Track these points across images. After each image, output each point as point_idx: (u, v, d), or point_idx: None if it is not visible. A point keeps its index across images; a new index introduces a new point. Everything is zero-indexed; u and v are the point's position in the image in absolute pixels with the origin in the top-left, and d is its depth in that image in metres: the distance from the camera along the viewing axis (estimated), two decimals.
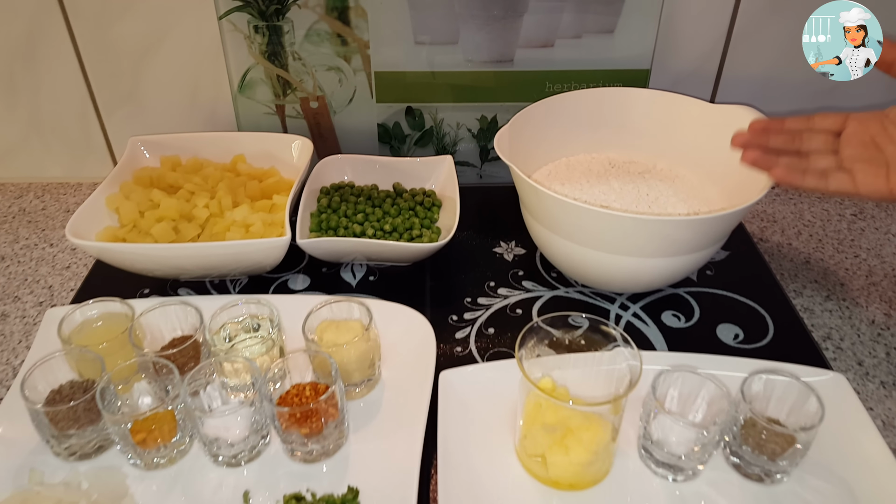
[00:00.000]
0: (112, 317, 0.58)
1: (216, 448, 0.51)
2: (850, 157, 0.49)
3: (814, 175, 0.49)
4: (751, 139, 0.51)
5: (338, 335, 0.55)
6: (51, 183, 0.88)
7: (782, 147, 0.51)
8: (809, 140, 0.51)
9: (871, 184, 0.46)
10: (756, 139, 0.51)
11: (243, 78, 0.77)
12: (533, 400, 0.50)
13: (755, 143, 0.51)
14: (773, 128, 0.52)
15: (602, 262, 0.60)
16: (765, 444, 0.49)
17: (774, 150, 0.51)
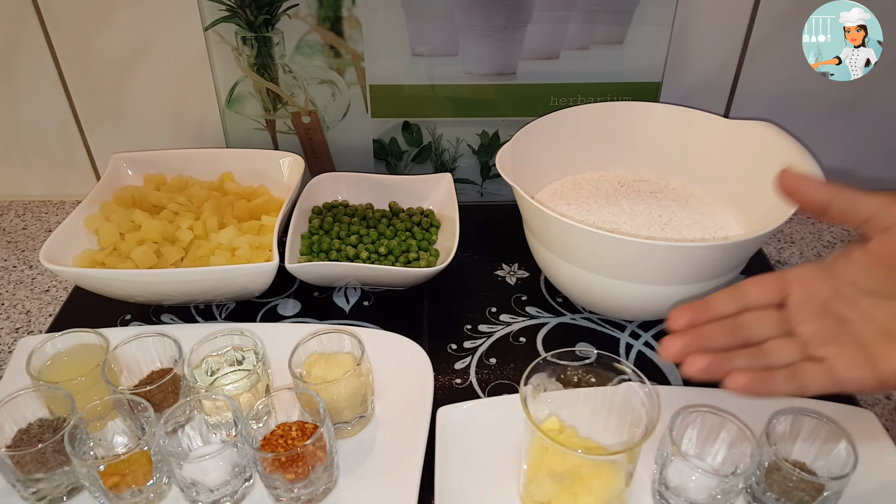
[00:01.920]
0: (86, 349, 0.54)
1: (195, 493, 0.47)
2: (814, 337, 0.39)
3: (783, 375, 0.38)
4: (688, 344, 0.38)
5: (327, 370, 0.51)
6: (32, 201, 0.84)
7: (726, 343, 0.39)
8: (754, 324, 0.40)
9: (855, 378, 0.37)
10: (694, 342, 0.39)
11: (231, 92, 0.73)
12: (538, 442, 0.46)
13: (694, 346, 0.38)
14: (700, 318, 0.40)
15: (612, 289, 0.56)
16: (792, 492, 0.45)
17: (720, 348, 0.39)
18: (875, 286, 0.38)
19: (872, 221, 0.37)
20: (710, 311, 0.40)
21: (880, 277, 0.37)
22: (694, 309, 0.40)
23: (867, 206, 0.37)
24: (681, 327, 0.40)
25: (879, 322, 0.37)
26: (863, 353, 0.37)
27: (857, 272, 0.38)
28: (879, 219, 0.36)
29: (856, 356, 0.37)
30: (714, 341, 0.39)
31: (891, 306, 0.37)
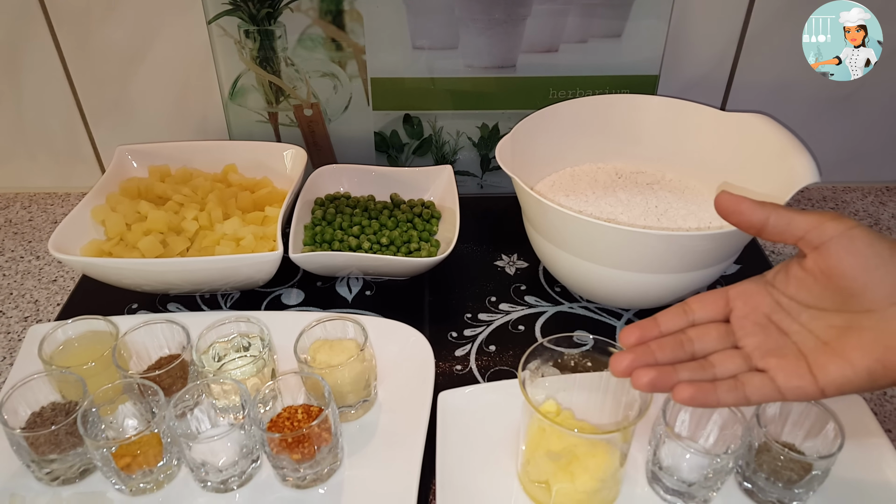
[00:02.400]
0: (96, 335, 0.56)
1: (204, 473, 0.48)
2: (756, 349, 0.40)
3: (727, 386, 0.39)
4: (635, 359, 0.40)
5: (331, 355, 0.52)
6: (38, 193, 0.85)
7: (673, 357, 0.40)
8: (699, 339, 0.41)
9: (796, 386, 0.38)
10: (641, 358, 0.40)
11: (234, 85, 0.74)
12: (536, 424, 0.47)
13: (641, 361, 0.40)
14: (648, 335, 0.41)
15: (609, 278, 0.57)
16: (780, 471, 0.46)
17: (667, 361, 0.40)
18: (812, 300, 0.39)
19: (806, 239, 0.38)
20: (658, 328, 0.42)
21: (816, 292, 0.39)
22: (642, 327, 0.41)
23: (800, 225, 0.38)
24: (630, 344, 0.41)
25: (817, 334, 0.38)
26: (803, 364, 0.38)
27: (795, 287, 0.40)
28: (812, 237, 0.38)
29: (796, 367, 0.38)
30: (661, 356, 0.40)
31: (827, 318, 0.38)
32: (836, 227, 0.37)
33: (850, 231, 0.37)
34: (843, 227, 0.37)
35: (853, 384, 0.37)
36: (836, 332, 0.38)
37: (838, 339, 0.37)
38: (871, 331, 0.36)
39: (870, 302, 0.37)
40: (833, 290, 0.38)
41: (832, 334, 0.38)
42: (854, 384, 0.37)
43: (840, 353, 0.37)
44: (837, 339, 0.37)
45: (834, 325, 0.38)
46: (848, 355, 0.37)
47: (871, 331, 0.36)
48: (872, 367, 0.36)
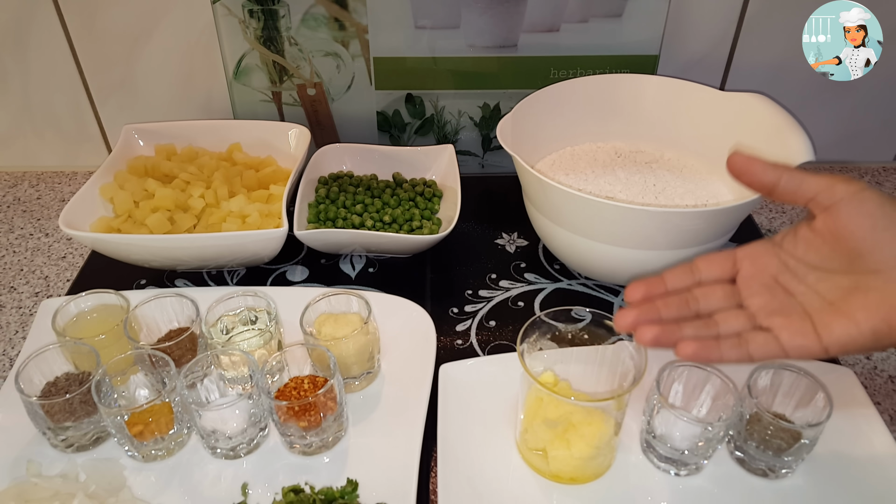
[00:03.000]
0: (107, 308, 0.57)
1: (214, 440, 0.50)
2: (761, 309, 0.40)
3: (730, 344, 0.39)
4: (640, 315, 0.40)
5: (336, 328, 0.54)
6: (45, 172, 0.87)
7: (678, 315, 0.41)
8: (704, 298, 0.41)
9: (800, 345, 0.38)
10: (646, 314, 0.40)
11: (238, 64, 0.75)
12: (534, 394, 0.49)
13: (646, 317, 0.40)
14: (655, 292, 0.41)
15: (606, 255, 0.59)
16: (770, 440, 0.48)
17: (672, 319, 0.41)
18: (820, 261, 0.40)
19: (816, 200, 0.39)
20: (664, 285, 0.42)
21: (824, 253, 0.39)
22: (648, 283, 0.42)
23: (811, 186, 0.39)
24: (636, 300, 0.42)
25: (823, 294, 0.39)
26: (807, 323, 0.39)
27: (803, 248, 0.40)
28: (822, 198, 0.38)
29: (800, 326, 0.39)
30: (666, 313, 0.41)
31: (834, 279, 0.39)
32: (846, 189, 0.38)
33: (861, 193, 0.37)
34: (853, 188, 0.37)
35: (857, 343, 0.37)
36: (843, 293, 0.38)
37: (844, 299, 0.38)
38: (877, 291, 0.37)
39: (877, 263, 0.37)
40: (841, 251, 0.38)
41: (838, 294, 0.38)
42: (858, 343, 0.37)
43: (845, 313, 0.37)
44: (843, 300, 0.38)
45: (840, 286, 0.38)
46: (853, 315, 0.37)
47: (877, 291, 0.37)
48: (877, 326, 0.37)
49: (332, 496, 0.47)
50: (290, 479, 0.49)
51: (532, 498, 0.48)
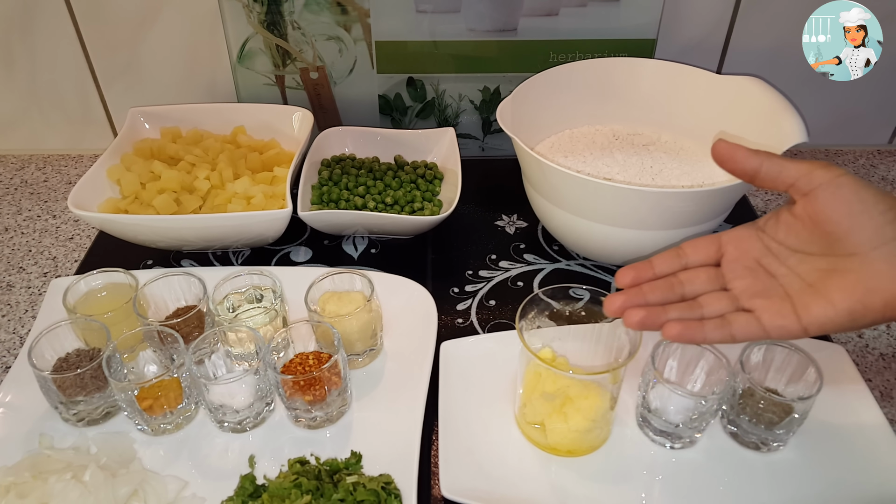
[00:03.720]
0: (116, 287, 0.59)
1: (222, 414, 0.52)
2: (744, 291, 0.42)
3: (714, 325, 0.41)
4: (627, 299, 0.42)
5: (340, 306, 0.55)
6: (52, 155, 0.88)
7: (664, 298, 0.43)
8: (690, 281, 0.43)
9: (780, 325, 0.40)
10: (633, 298, 0.42)
11: (242, 48, 0.76)
12: (533, 369, 0.51)
13: (632, 302, 0.42)
14: (643, 276, 0.43)
15: (603, 235, 0.60)
16: (762, 414, 0.50)
17: (658, 302, 0.43)
18: (800, 245, 0.41)
19: (796, 186, 0.40)
20: (653, 270, 0.44)
21: (804, 237, 0.41)
22: (637, 268, 0.44)
23: (791, 173, 0.40)
24: (625, 285, 0.44)
25: (803, 276, 0.41)
26: (787, 305, 0.40)
27: (784, 232, 0.42)
28: (802, 184, 0.40)
29: (781, 307, 0.40)
30: (652, 297, 0.43)
31: (813, 262, 0.41)
32: (824, 175, 0.39)
33: (838, 178, 0.39)
34: (831, 174, 0.39)
35: (834, 323, 0.39)
36: (821, 275, 0.40)
37: (822, 281, 0.40)
38: (853, 273, 0.38)
39: (853, 246, 0.39)
40: (819, 235, 0.40)
41: (817, 276, 0.40)
42: (835, 323, 0.39)
43: (823, 294, 0.39)
44: (822, 281, 0.40)
45: (819, 268, 0.40)
46: (831, 296, 0.39)
47: (853, 273, 0.38)
48: (853, 307, 0.38)
49: (337, 467, 0.49)
50: (295, 452, 0.51)
51: (530, 470, 0.50)
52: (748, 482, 0.49)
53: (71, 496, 0.45)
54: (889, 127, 0.85)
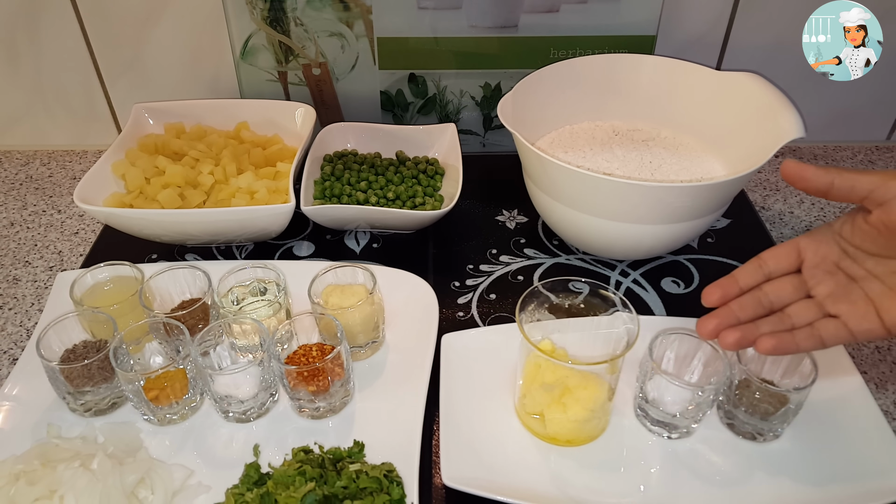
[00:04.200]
0: (122, 280, 0.59)
1: (227, 405, 0.53)
2: (828, 297, 0.44)
3: (804, 334, 0.43)
4: (721, 322, 0.44)
5: (343, 299, 0.56)
6: (56, 150, 0.89)
7: (754, 314, 0.45)
8: (775, 293, 0.45)
9: (866, 329, 0.42)
10: (726, 319, 0.44)
11: (245, 44, 0.77)
12: (533, 360, 0.51)
13: (726, 323, 0.44)
14: (729, 293, 0.45)
15: (603, 230, 0.61)
16: (758, 404, 0.50)
17: (748, 319, 0.45)
18: (877, 249, 0.43)
19: (871, 197, 0.42)
20: (737, 284, 0.46)
21: (881, 243, 0.43)
22: (722, 286, 0.46)
23: (865, 185, 0.42)
24: (713, 303, 0.46)
25: (882, 279, 0.43)
26: (871, 308, 0.42)
27: (860, 237, 0.44)
28: (877, 195, 0.41)
29: (865, 311, 0.42)
30: (743, 314, 0.45)
31: (891, 265, 0.43)
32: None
33: None
34: None
35: None
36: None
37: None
38: None
39: None
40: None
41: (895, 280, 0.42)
42: None
43: None
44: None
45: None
46: None
47: None
48: None
49: (340, 455, 0.50)
50: (299, 441, 0.52)
51: (530, 459, 0.51)
52: (744, 472, 0.50)
53: (79, 483, 0.46)
54: (887, 123, 0.85)
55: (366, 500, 0.45)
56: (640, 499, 0.48)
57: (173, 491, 0.48)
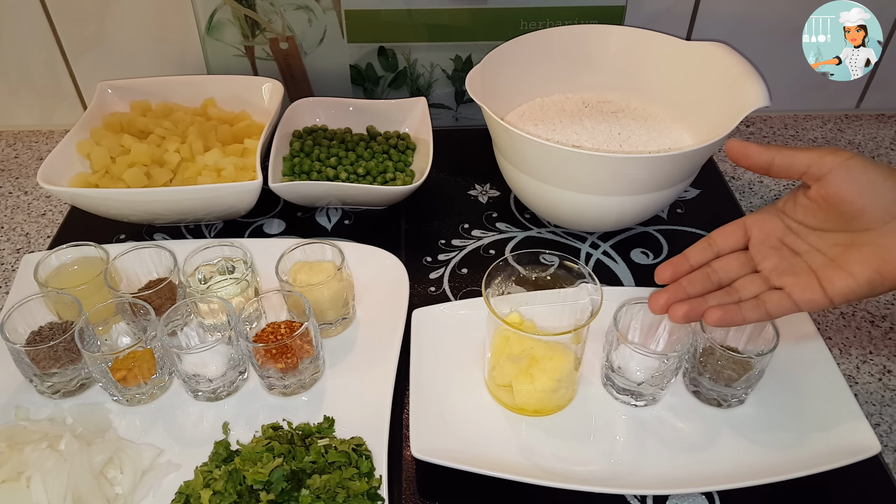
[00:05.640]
0: (87, 261, 0.59)
1: (195, 384, 0.53)
2: (773, 271, 0.46)
3: (750, 305, 0.45)
4: (671, 296, 0.46)
5: (311, 276, 0.56)
6: (22, 131, 0.87)
7: (703, 289, 0.47)
8: (723, 269, 0.47)
9: (809, 299, 0.43)
10: (676, 294, 0.46)
11: (211, 19, 0.75)
12: (501, 333, 0.52)
13: (675, 297, 0.46)
14: (680, 270, 0.47)
15: (571, 202, 0.61)
16: (722, 371, 0.51)
17: (698, 294, 0.46)
18: (818, 223, 0.45)
19: (809, 173, 0.43)
20: (688, 262, 0.48)
21: (821, 217, 0.44)
22: (674, 264, 0.48)
23: (802, 161, 0.43)
24: (665, 280, 0.47)
25: (824, 252, 0.44)
26: (813, 280, 0.44)
27: (802, 213, 0.45)
28: (814, 170, 0.43)
29: (808, 282, 0.44)
30: (692, 290, 0.46)
31: (832, 238, 0.44)
32: (834, 160, 0.42)
33: (847, 161, 0.42)
34: (840, 158, 0.42)
35: (856, 293, 0.42)
36: (840, 250, 0.43)
37: (842, 255, 0.43)
38: (869, 246, 0.42)
39: (867, 222, 0.42)
40: (835, 214, 0.43)
41: (837, 252, 0.44)
42: (857, 293, 0.42)
43: (844, 268, 0.43)
44: (841, 256, 0.43)
45: (838, 244, 0.44)
46: (851, 269, 0.42)
47: (869, 246, 0.42)
48: (872, 277, 0.42)
49: (310, 431, 0.50)
50: (269, 419, 0.52)
51: (499, 430, 0.51)
52: (710, 437, 0.51)
53: (46, 465, 0.46)
54: (856, 92, 0.86)
55: (334, 473, 0.46)
56: (608, 466, 0.49)
57: (143, 470, 0.48)
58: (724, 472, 0.48)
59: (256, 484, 0.45)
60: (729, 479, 0.47)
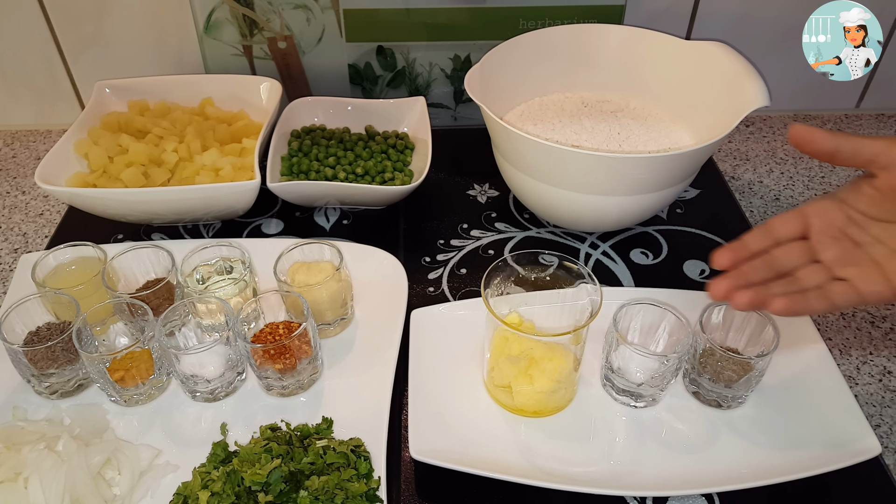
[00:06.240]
0: (85, 261, 0.59)
1: (193, 384, 0.52)
2: (836, 262, 0.45)
3: (815, 296, 0.44)
4: (732, 283, 0.44)
5: (309, 276, 0.56)
6: (20, 130, 0.86)
7: (764, 277, 0.45)
8: (785, 257, 0.46)
9: (874, 291, 0.43)
10: (737, 280, 0.44)
11: (209, 18, 0.75)
12: (500, 334, 0.52)
13: (737, 284, 0.44)
14: (740, 256, 0.45)
15: (571, 202, 0.61)
16: (722, 372, 0.51)
17: (759, 282, 0.45)
18: (882, 214, 0.44)
19: (876, 162, 0.42)
20: (747, 248, 0.46)
21: (886, 207, 0.43)
22: (733, 248, 0.46)
23: (870, 149, 0.42)
24: (724, 266, 0.45)
25: (888, 243, 0.43)
26: (878, 271, 0.43)
27: (865, 203, 0.44)
28: (882, 159, 0.42)
29: (873, 274, 0.43)
30: (754, 277, 0.45)
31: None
32: None
33: None
34: None
35: None
36: None
37: None
38: None
39: None
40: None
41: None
42: None
43: None
44: None
45: None
46: None
47: None
48: None
49: (308, 432, 0.50)
50: (268, 419, 0.51)
51: (498, 431, 0.51)
52: (709, 438, 0.51)
53: (44, 465, 0.46)
54: (856, 91, 0.86)
55: (332, 475, 0.46)
56: (608, 467, 0.49)
57: (140, 471, 0.48)
58: (724, 473, 0.48)
59: (254, 485, 0.45)
60: (729, 480, 0.47)
